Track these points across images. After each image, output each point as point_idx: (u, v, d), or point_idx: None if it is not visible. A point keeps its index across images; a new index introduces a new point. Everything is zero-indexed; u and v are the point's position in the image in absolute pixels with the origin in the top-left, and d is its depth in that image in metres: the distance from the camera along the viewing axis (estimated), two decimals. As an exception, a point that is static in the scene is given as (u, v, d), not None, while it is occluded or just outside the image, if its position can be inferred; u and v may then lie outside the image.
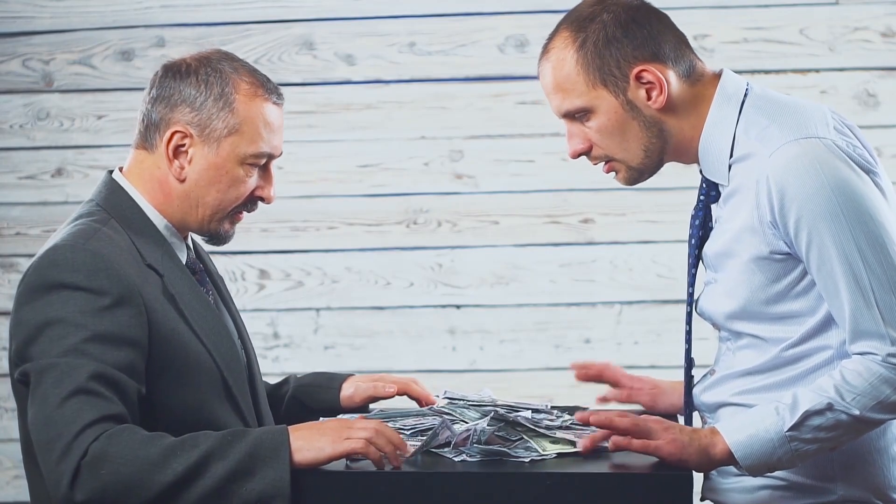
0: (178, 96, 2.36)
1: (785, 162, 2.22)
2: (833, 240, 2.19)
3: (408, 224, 4.02)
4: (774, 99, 2.34)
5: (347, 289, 4.01)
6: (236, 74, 2.37)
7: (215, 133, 2.35)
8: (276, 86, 2.42)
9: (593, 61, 2.28)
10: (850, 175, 2.20)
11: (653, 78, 2.29)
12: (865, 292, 2.18)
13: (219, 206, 2.38)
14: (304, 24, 4.02)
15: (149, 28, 4.04)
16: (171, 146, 2.36)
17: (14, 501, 4.07)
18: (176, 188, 2.38)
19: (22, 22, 4.06)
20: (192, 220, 2.40)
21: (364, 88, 4.02)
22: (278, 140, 2.41)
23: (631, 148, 2.32)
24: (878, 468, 2.30)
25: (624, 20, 2.29)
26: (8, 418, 4.07)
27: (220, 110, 2.35)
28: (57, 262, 2.26)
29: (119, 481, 2.14)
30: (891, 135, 3.93)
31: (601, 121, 2.30)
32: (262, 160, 2.39)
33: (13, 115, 4.06)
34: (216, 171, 2.37)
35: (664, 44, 2.31)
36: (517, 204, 3.97)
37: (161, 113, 2.37)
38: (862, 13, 3.92)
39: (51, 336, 2.21)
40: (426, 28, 4.00)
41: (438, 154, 4.00)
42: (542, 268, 3.99)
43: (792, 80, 3.94)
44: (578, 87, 2.30)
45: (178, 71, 2.38)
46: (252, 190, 2.40)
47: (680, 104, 2.31)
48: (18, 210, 4.07)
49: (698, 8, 3.94)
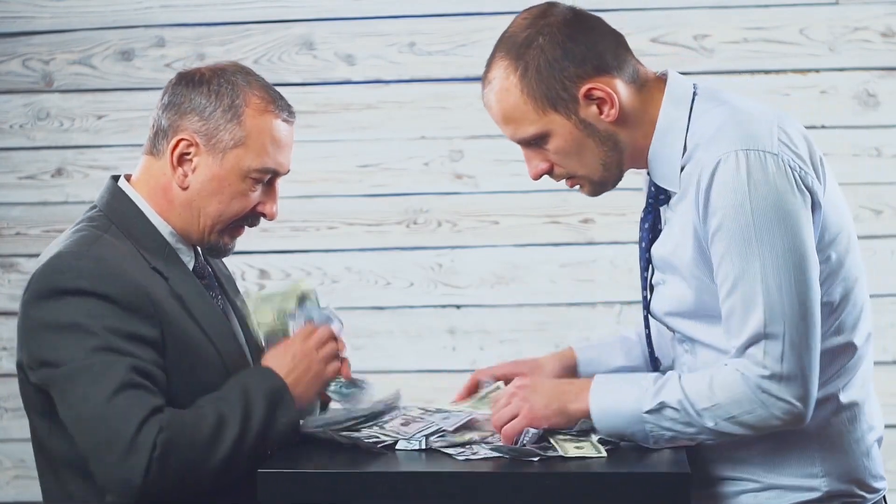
0: (189, 104, 2.36)
1: (719, 172, 2.19)
2: (741, 258, 2.17)
3: (408, 224, 4.02)
4: (723, 101, 2.30)
5: (347, 289, 4.01)
6: (248, 88, 2.37)
7: (221, 144, 2.35)
8: (288, 104, 2.41)
9: (539, 88, 2.24)
10: (780, 196, 2.17)
11: (602, 93, 2.25)
12: (758, 317, 2.17)
13: (219, 217, 2.38)
14: (304, 24, 4.02)
15: (149, 28, 4.04)
16: (177, 153, 2.36)
17: (14, 501, 4.07)
18: (179, 196, 2.38)
19: (22, 22, 4.06)
20: (193, 230, 2.40)
21: (364, 88, 4.02)
22: (285, 158, 2.40)
23: (590, 164, 2.30)
24: (857, 459, 2.31)
25: (560, 40, 2.24)
26: (8, 418, 4.07)
27: (228, 122, 2.35)
28: (61, 269, 2.26)
29: (188, 467, 2.20)
30: (891, 135, 3.93)
31: (557, 143, 2.28)
32: (266, 176, 2.38)
33: (13, 115, 4.06)
34: (219, 183, 2.36)
35: (605, 53, 2.26)
36: (517, 204, 3.97)
37: (170, 119, 2.37)
38: (862, 13, 3.92)
39: (71, 339, 2.22)
40: (426, 28, 4.00)
41: (438, 154, 4.00)
42: (542, 268, 3.99)
43: (792, 80, 3.94)
44: (528, 115, 2.26)
45: (192, 80, 2.39)
46: (254, 205, 2.40)
47: (632, 112, 2.28)
48: (18, 210, 4.07)
49: (698, 8, 3.94)
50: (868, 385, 2.36)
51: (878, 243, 3.93)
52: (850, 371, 2.32)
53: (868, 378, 2.36)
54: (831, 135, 3.93)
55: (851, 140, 3.93)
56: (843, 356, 2.31)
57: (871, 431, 2.33)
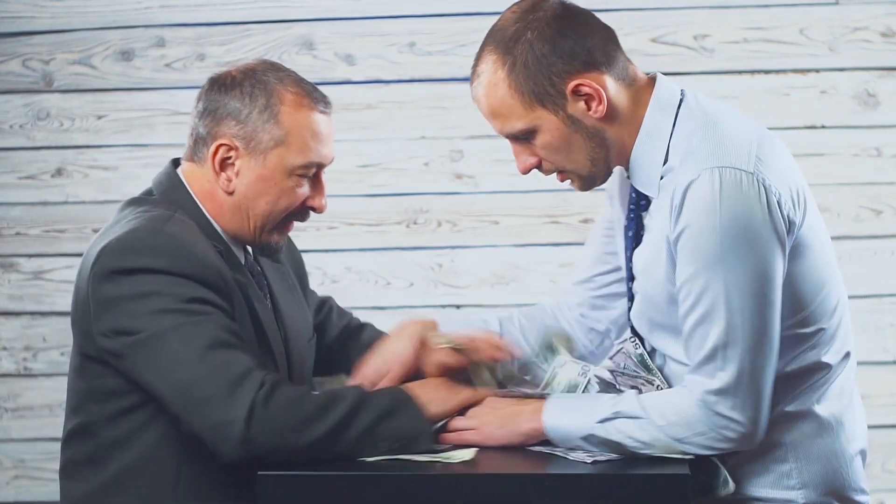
0: (224, 109, 2.37)
1: (692, 188, 2.17)
2: (705, 275, 2.15)
3: (408, 224, 4.02)
4: (707, 111, 2.28)
5: (347, 289, 4.01)
6: (281, 85, 2.37)
7: (261, 145, 2.36)
8: (322, 94, 2.41)
9: (526, 84, 2.23)
10: (751, 216, 2.15)
11: (590, 89, 2.23)
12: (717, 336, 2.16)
13: (269, 216, 2.39)
14: (304, 24, 4.02)
15: (149, 28, 4.03)
16: (218, 159, 2.37)
17: (14, 501, 4.07)
18: (226, 201, 2.39)
19: (22, 22, 4.06)
20: (244, 232, 2.41)
21: (364, 88, 4.02)
22: (328, 149, 2.40)
23: (578, 159, 2.28)
24: (836, 471, 2.29)
25: (549, 35, 2.23)
26: (8, 418, 4.07)
27: (266, 122, 2.35)
28: (136, 246, 2.27)
29: (288, 426, 2.18)
30: (891, 135, 3.93)
31: (545, 138, 2.26)
32: (311, 170, 2.39)
33: (13, 115, 4.06)
34: (264, 183, 2.37)
35: (594, 49, 2.24)
36: (517, 204, 3.97)
37: (207, 126, 2.38)
38: (862, 13, 3.92)
39: (152, 305, 2.23)
40: (426, 28, 4.00)
41: (438, 154, 4.00)
42: (542, 268, 3.99)
43: (792, 80, 3.94)
44: (516, 110, 2.25)
45: (223, 84, 2.39)
46: (303, 199, 2.41)
47: (620, 110, 2.26)
48: (18, 210, 4.07)
49: (698, 8, 3.94)
50: (846, 397, 2.32)
51: (878, 243, 3.93)
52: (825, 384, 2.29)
53: (847, 390, 2.33)
54: (831, 135, 3.93)
55: (851, 140, 3.93)
56: (818, 372, 2.29)
57: (850, 444, 2.31)
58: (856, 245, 3.92)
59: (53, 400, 4.00)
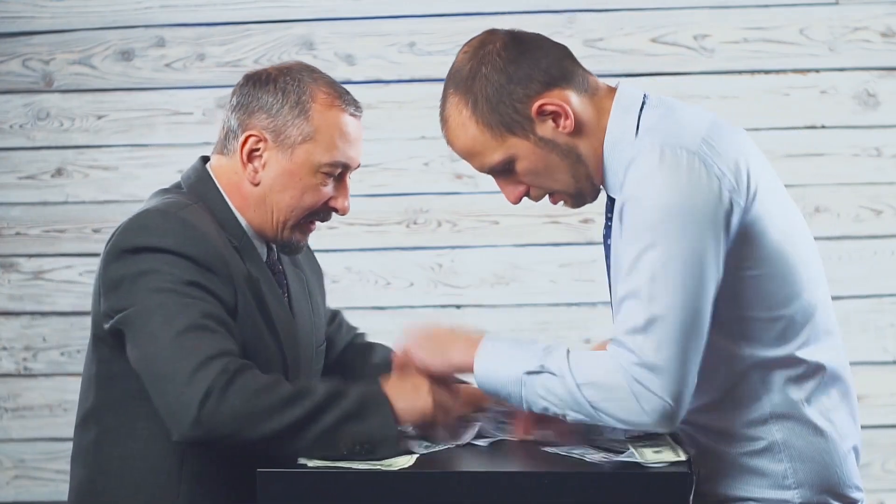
0: (256, 103, 2.40)
1: (635, 164, 2.19)
2: (639, 246, 2.15)
3: (408, 224, 4.02)
4: (667, 106, 2.29)
5: (347, 289, 4.01)
6: (314, 84, 2.41)
7: (290, 139, 2.39)
8: (354, 98, 2.46)
9: (492, 117, 2.26)
10: (690, 191, 2.15)
11: (553, 107, 2.26)
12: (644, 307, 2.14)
13: (292, 211, 2.42)
14: (304, 24, 4.02)
15: (149, 28, 4.04)
16: (246, 149, 2.40)
17: (14, 501, 4.08)
18: (251, 192, 2.41)
19: (22, 22, 4.06)
20: (267, 226, 2.43)
21: (364, 88, 4.02)
22: (355, 151, 2.44)
23: (561, 178, 2.31)
24: (830, 468, 2.29)
25: (502, 65, 2.26)
26: (8, 418, 4.07)
27: (296, 118, 2.39)
28: (147, 226, 2.30)
29: (244, 413, 2.18)
30: (891, 135, 3.93)
31: (524, 165, 2.29)
32: (336, 170, 2.42)
33: (13, 115, 4.06)
34: (290, 177, 2.40)
35: (550, 68, 2.27)
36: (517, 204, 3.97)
37: (239, 119, 2.41)
38: (862, 13, 3.92)
39: (148, 283, 2.25)
40: (426, 28, 4.00)
41: (438, 154, 4.00)
42: (542, 268, 3.99)
43: (792, 80, 3.94)
44: (489, 144, 2.28)
45: (259, 79, 2.43)
46: (326, 199, 2.43)
47: (587, 121, 2.28)
48: (18, 210, 4.07)
49: (698, 8, 3.94)
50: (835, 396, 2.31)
51: (878, 243, 3.93)
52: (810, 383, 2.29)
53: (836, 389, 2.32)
54: (831, 135, 3.93)
55: (851, 140, 3.93)
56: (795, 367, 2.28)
57: (843, 441, 2.31)
58: (856, 245, 3.92)
59: (53, 400, 4.00)
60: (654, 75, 3.88)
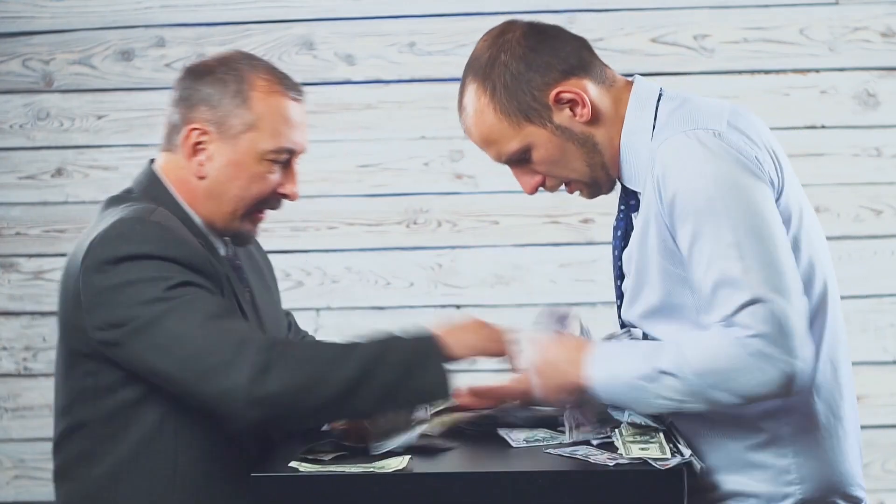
0: (197, 96, 2.39)
1: (668, 152, 2.21)
2: (708, 232, 2.16)
3: (408, 224, 4.02)
4: (682, 98, 2.32)
5: (347, 289, 4.01)
6: (253, 72, 2.40)
7: (233, 129, 2.38)
8: (295, 83, 2.44)
9: (510, 104, 2.28)
10: (730, 166, 2.17)
11: (571, 94, 2.28)
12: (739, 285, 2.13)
13: (241, 201, 2.40)
14: (304, 24, 4.02)
15: (149, 28, 4.04)
16: (190, 143, 2.39)
17: (14, 501, 4.08)
18: (199, 186, 2.40)
19: (22, 22, 4.06)
20: (217, 218, 2.42)
21: (364, 88, 4.02)
22: (300, 136, 2.43)
23: (577, 167, 2.32)
24: (835, 465, 2.29)
25: (521, 53, 2.29)
26: (8, 418, 4.07)
27: (237, 107, 2.38)
28: (125, 235, 2.28)
29: (296, 384, 2.17)
30: (891, 135, 3.93)
31: (540, 153, 2.31)
32: (282, 156, 2.41)
33: (13, 115, 4.06)
34: (236, 168, 2.39)
35: (568, 57, 2.29)
36: (517, 204, 3.97)
37: (181, 113, 2.40)
38: (862, 13, 3.93)
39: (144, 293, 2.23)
40: (426, 28, 4.00)
41: (438, 154, 4.00)
42: (542, 268, 3.99)
43: (792, 80, 3.94)
44: (506, 132, 2.30)
45: (197, 71, 2.42)
46: (274, 187, 2.42)
47: (603, 111, 2.30)
48: (18, 210, 4.07)
49: (698, 8, 3.95)
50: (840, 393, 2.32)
51: (878, 243, 3.93)
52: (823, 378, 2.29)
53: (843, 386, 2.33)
54: (831, 135, 3.94)
55: (851, 140, 3.93)
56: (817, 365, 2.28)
57: (848, 437, 2.31)
58: (856, 245, 3.92)
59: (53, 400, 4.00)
60: (654, 75, 3.87)
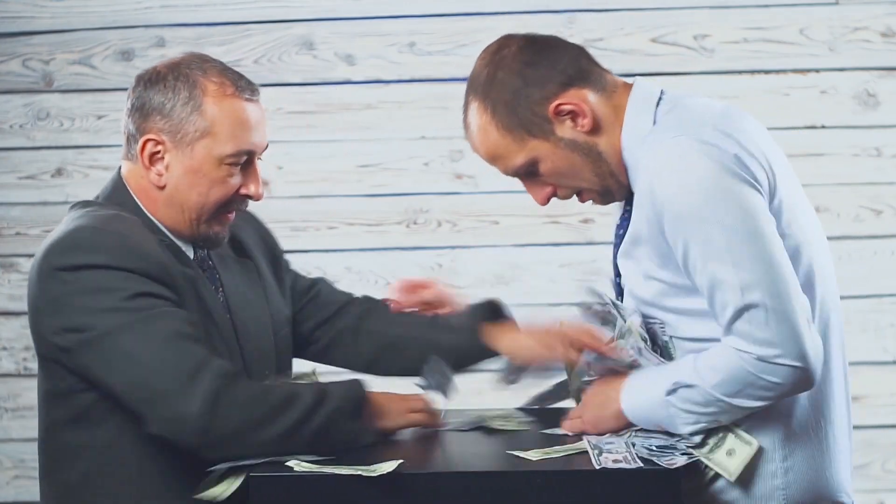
0: (150, 105, 2.37)
1: (652, 160, 2.22)
2: (699, 239, 2.18)
3: (408, 224, 4.02)
4: (675, 100, 2.32)
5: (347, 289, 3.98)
6: (204, 76, 2.37)
7: (187, 137, 2.35)
8: (249, 82, 2.40)
9: (511, 120, 2.29)
10: (714, 172, 2.18)
11: (570, 106, 2.28)
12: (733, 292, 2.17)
13: (203, 207, 2.38)
14: (304, 24, 4.02)
15: (149, 28, 4.04)
16: (146, 154, 2.37)
17: (14, 501, 4.08)
18: (159, 195, 2.39)
19: (22, 22, 4.06)
20: (182, 226, 2.40)
21: (364, 88, 4.02)
22: (258, 136, 2.39)
23: (586, 177, 2.33)
24: (822, 471, 2.29)
25: (517, 69, 2.29)
26: (8, 418, 4.07)
27: (190, 114, 2.35)
28: (81, 244, 2.27)
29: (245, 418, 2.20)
30: (891, 135, 3.94)
31: (547, 166, 2.32)
32: (241, 158, 2.38)
33: (13, 115, 4.06)
34: (194, 175, 2.36)
35: (566, 69, 2.30)
36: (517, 204, 3.97)
37: (136, 123, 2.39)
38: (862, 13, 3.93)
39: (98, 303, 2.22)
40: (426, 28, 4.00)
41: (438, 154, 4.00)
42: (542, 268, 3.99)
43: (792, 80, 3.94)
44: (511, 147, 2.31)
45: (149, 80, 2.40)
46: (236, 189, 2.39)
47: (606, 119, 2.30)
48: (18, 210, 4.07)
49: (698, 8, 3.95)
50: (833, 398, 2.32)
51: (878, 243, 3.93)
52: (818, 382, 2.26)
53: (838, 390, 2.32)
54: (831, 135, 3.94)
55: (851, 140, 3.93)
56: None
57: (837, 443, 2.30)
58: (856, 245, 3.92)
59: (53, 400, 4.00)
60: (655, 75, 3.88)
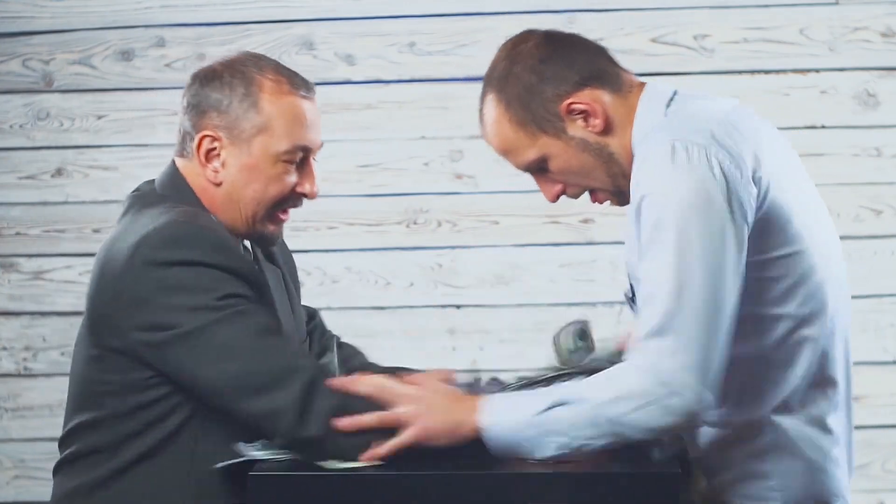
0: (206, 102, 2.38)
1: (641, 158, 2.21)
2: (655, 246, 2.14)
3: (408, 224, 4.02)
4: (684, 101, 2.30)
5: (347, 289, 4.01)
6: (260, 73, 2.39)
7: (244, 134, 2.36)
8: (304, 80, 2.43)
9: (524, 115, 2.28)
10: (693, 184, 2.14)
11: (583, 105, 2.28)
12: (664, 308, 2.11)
13: (259, 204, 2.39)
14: (304, 24, 4.02)
15: (149, 28, 4.04)
16: (203, 151, 2.38)
17: (14, 501, 4.08)
18: (217, 192, 2.39)
19: (22, 22, 4.06)
20: (238, 224, 2.41)
21: (364, 88, 4.02)
22: (314, 133, 2.41)
23: (597, 176, 2.32)
24: (816, 474, 2.27)
25: (533, 65, 2.28)
26: (8, 418, 4.07)
27: (247, 111, 2.36)
28: (177, 238, 2.27)
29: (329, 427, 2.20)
30: (891, 135, 3.93)
31: (557, 164, 2.31)
32: (296, 156, 2.39)
33: (13, 115, 4.06)
34: (251, 172, 2.38)
35: (582, 69, 2.29)
36: (517, 204, 3.97)
37: (192, 120, 2.39)
38: (862, 13, 3.93)
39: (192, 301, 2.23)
40: (426, 28, 4.00)
41: (438, 154, 4.00)
42: (542, 268, 3.99)
43: (792, 80, 3.94)
44: (523, 143, 2.30)
45: (205, 77, 2.40)
46: (292, 186, 2.41)
47: (618, 120, 2.29)
48: (18, 210, 4.07)
49: (698, 8, 3.95)
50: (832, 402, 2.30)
51: (878, 243, 3.93)
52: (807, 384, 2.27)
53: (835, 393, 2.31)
54: (831, 135, 3.94)
55: (851, 140, 3.93)
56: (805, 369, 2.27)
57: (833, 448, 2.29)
58: (856, 245, 3.92)
59: (53, 400, 4.00)
60: (655, 75, 3.86)
